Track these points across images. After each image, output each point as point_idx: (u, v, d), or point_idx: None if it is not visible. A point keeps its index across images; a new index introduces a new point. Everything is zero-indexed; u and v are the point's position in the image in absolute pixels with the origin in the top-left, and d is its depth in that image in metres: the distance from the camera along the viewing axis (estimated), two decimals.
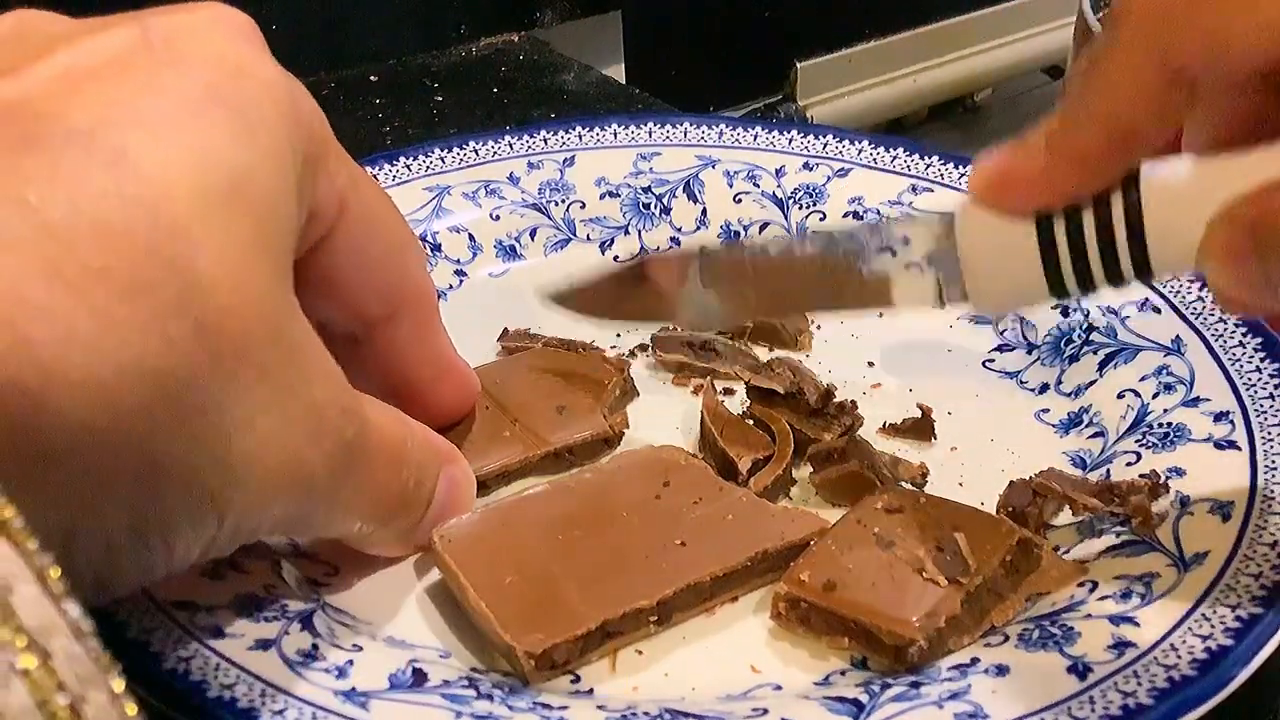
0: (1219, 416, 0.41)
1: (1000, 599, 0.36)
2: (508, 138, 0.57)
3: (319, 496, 0.31)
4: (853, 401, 0.43)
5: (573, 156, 0.57)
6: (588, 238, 0.55)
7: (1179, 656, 0.32)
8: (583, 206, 0.56)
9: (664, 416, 0.46)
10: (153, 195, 0.26)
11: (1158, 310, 0.46)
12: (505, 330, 0.49)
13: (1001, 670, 0.33)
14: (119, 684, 0.19)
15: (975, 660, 0.34)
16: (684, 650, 0.36)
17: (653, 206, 0.56)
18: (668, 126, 0.58)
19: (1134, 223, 0.31)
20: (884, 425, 0.44)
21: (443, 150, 0.56)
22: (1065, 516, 0.40)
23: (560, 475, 0.40)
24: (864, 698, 0.33)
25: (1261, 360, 0.42)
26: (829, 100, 1.02)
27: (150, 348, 0.25)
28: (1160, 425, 0.42)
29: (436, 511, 0.37)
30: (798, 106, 0.99)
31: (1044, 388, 0.46)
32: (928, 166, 0.55)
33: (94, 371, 0.24)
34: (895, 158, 0.56)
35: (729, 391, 0.46)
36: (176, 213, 0.26)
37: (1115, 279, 0.32)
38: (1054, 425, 0.44)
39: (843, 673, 0.35)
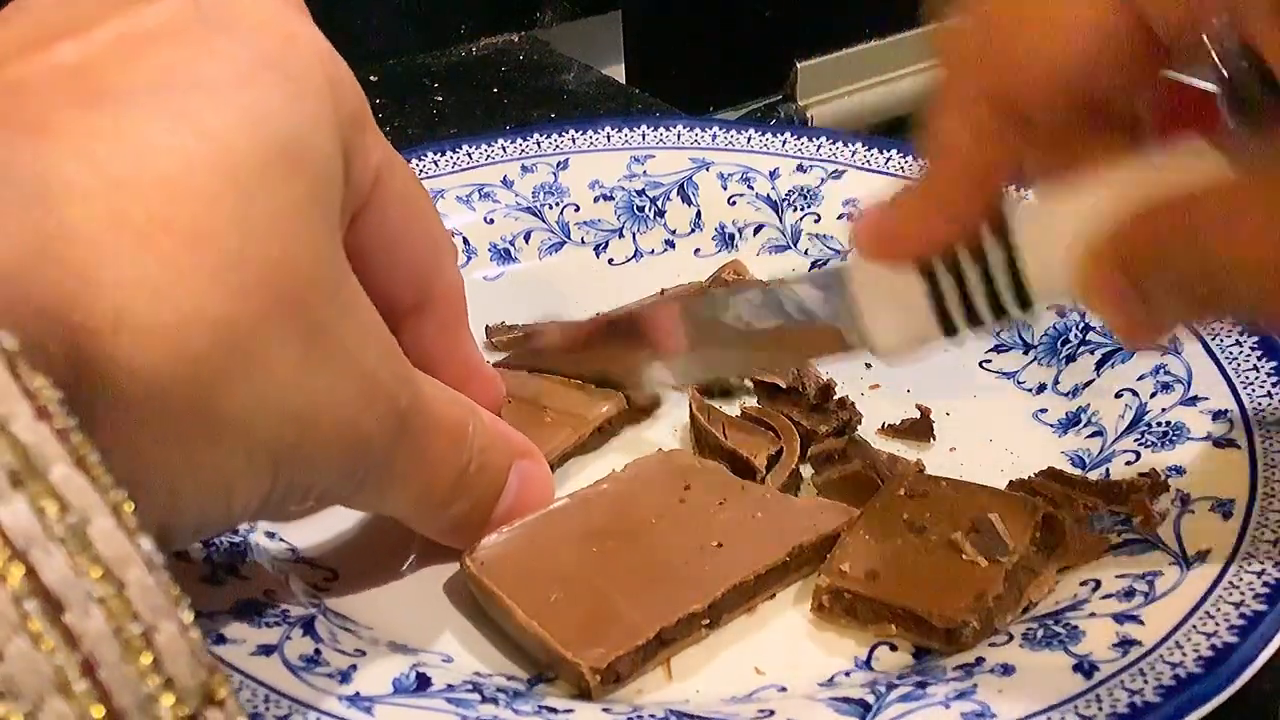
0: (1217, 415, 0.41)
1: (1034, 575, 0.36)
2: (501, 141, 0.57)
3: (373, 462, 0.31)
4: (849, 399, 0.43)
5: (566, 159, 0.57)
6: (582, 241, 0.55)
7: (1184, 654, 0.32)
8: (577, 209, 0.55)
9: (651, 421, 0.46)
10: (214, 151, 0.26)
11: None
12: (487, 327, 0.49)
13: (1007, 669, 0.33)
14: (188, 615, 0.20)
15: (981, 660, 0.34)
16: (687, 651, 0.36)
17: (647, 209, 0.56)
18: (661, 129, 0.58)
19: (1011, 263, 0.32)
20: (883, 425, 0.44)
21: (436, 154, 0.56)
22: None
23: (579, 489, 0.40)
24: (870, 698, 0.33)
25: (1259, 359, 0.42)
26: (829, 100, 1.01)
27: (213, 296, 0.26)
28: (1159, 424, 0.42)
29: (509, 504, 0.37)
30: (798, 106, 0.99)
31: (1041, 387, 0.46)
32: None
33: (160, 317, 0.25)
34: (889, 159, 0.56)
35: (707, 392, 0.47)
36: (236, 168, 0.26)
37: (1000, 314, 0.33)
38: (1052, 425, 0.44)
39: (847, 673, 0.35)
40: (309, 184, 0.28)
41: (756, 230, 0.55)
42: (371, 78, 0.77)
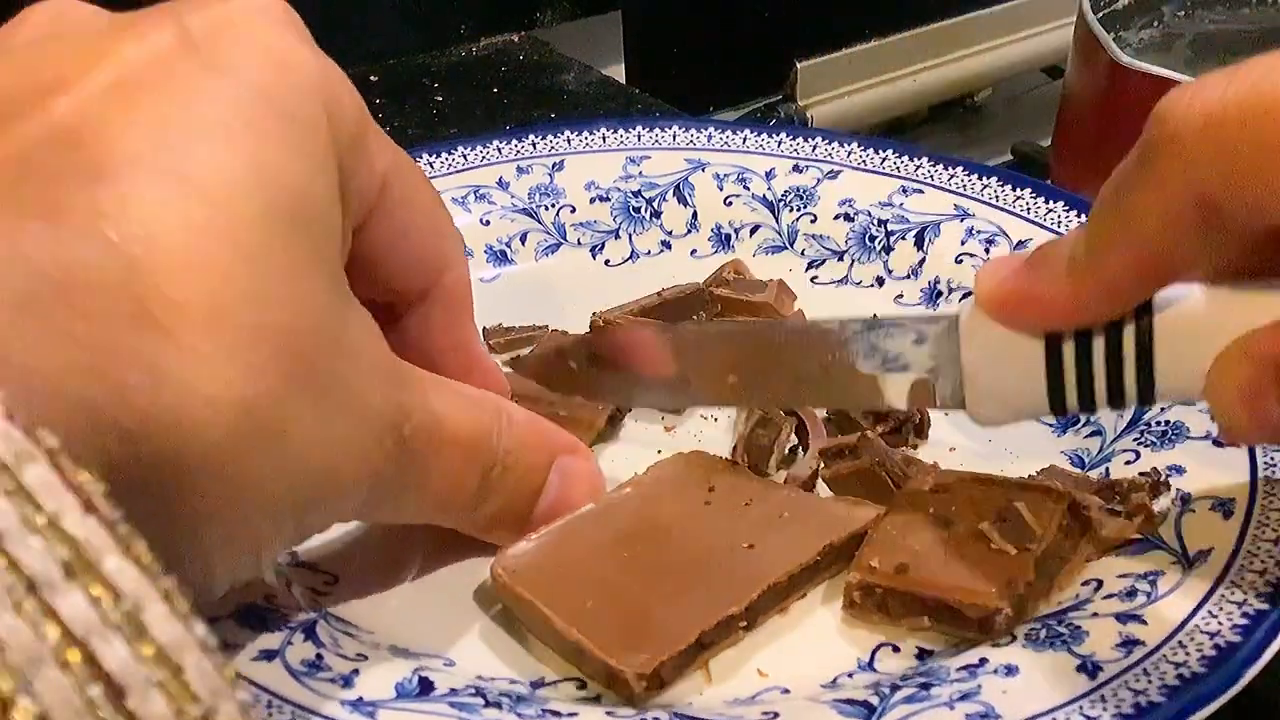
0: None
1: (1063, 562, 0.36)
2: (496, 142, 0.57)
3: (388, 489, 0.32)
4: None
5: (562, 161, 0.57)
6: (578, 242, 0.55)
7: (1188, 654, 0.32)
8: (573, 210, 0.55)
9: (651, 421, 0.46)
10: (220, 219, 0.26)
11: None
12: (484, 329, 0.49)
13: (1011, 670, 0.33)
14: (245, 695, 0.20)
15: (984, 660, 0.34)
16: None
17: (643, 210, 0.56)
18: (657, 130, 0.58)
19: (1144, 350, 0.31)
20: (873, 423, 0.44)
21: (431, 155, 0.56)
22: None
23: (604, 495, 0.39)
24: (874, 700, 0.33)
25: None
26: (829, 100, 1.01)
27: (234, 378, 0.26)
28: (1158, 423, 0.42)
29: (551, 501, 0.37)
30: (798, 106, 0.99)
31: None
32: (917, 168, 0.55)
33: (185, 409, 0.25)
34: (885, 159, 0.56)
35: None
36: (244, 235, 0.27)
37: (1117, 403, 0.32)
38: (1052, 425, 0.44)
39: (850, 675, 0.35)
40: (312, 237, 0.29)
41: (753, 231, 0.55)
42: (371, 78, 0.77)
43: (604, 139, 0.58)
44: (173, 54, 0.28)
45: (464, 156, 0.56)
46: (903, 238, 0.53)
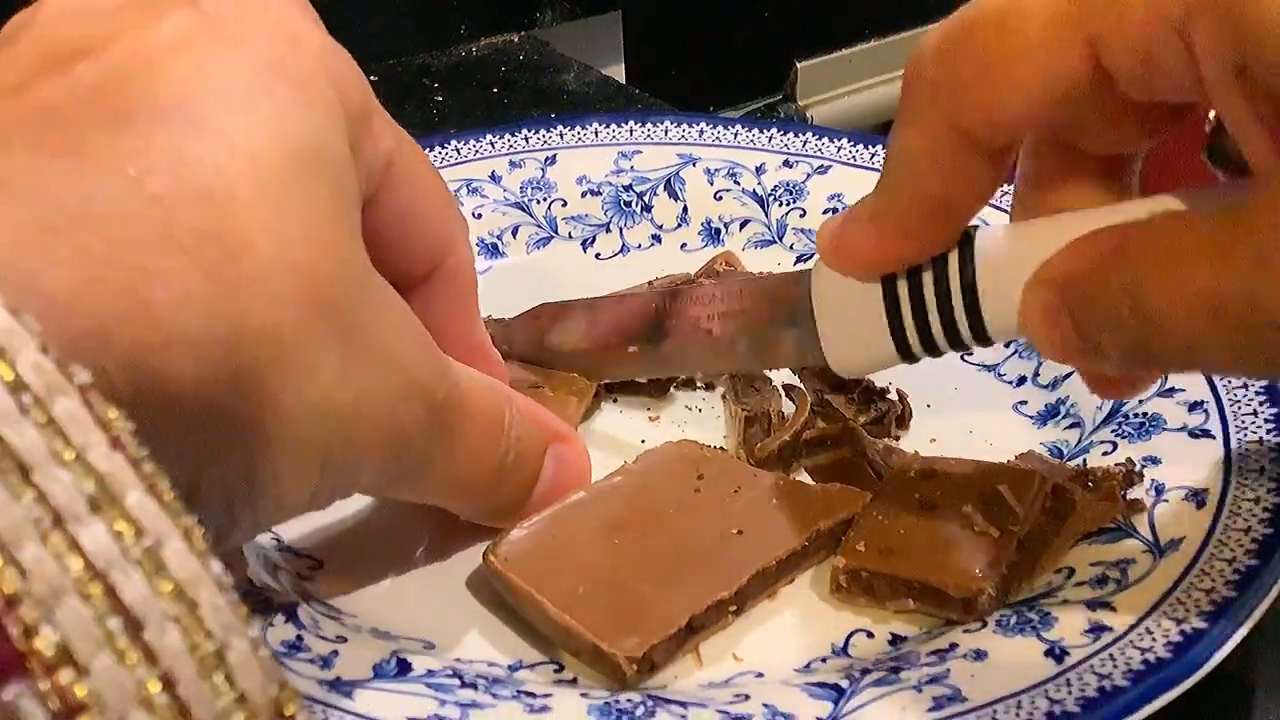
0: (1193, 406, 0.41)
1: (1047, 544, 0.37)
2: (489, 136, 0.58)
3: (414, 457, 0.32)
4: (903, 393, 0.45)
5: (554, 155, 0.57)
6: (570, 236, 0.56)
7: (1154, 640, 0.33)
8: (564, 204, 0.56)
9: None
10: (245, 163, 0.27)
11: None
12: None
13: (980, 655, 0.33)
14: (257, 633, 0.20)
15: (954, 645, 0.34)
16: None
17: (634, 204, 0.56)
18: (648, 125, 0.59)
19: (968, 288, 0.32)
20: (855, 414, 0.45)
21: (424, 149, 0.56)
22: None
23: (594, 482, 0.40)
24: (845, 683, 0.33)
25: None
26: (829, 100, 1.02)
27: (257, 305, 0.26)
28: (1136, 415, 0.42)
29: (545, 488, 0.38)
30: (798, 106, 0.99)
31: (1022, 380, 0.47)
32: None
33: (210, 330, 0.25)
34: (875, 155, 0.56)
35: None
36: (268, 178, 0.27)
37: (956, 343, 0.33)
38: (1031, 417, 0.45)
39: (824, 659, 0.35)
40: (331, 190, 0.29)
41: (743, 225, 0.56)
42: (371, 78, 0.77)
43: (596, 134, 0.58)
44: (190, 27, 0.29)
45: (457, 150, 0.57)
46: None
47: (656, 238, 0.56)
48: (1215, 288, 0.26)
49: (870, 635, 0.36)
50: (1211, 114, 0.31)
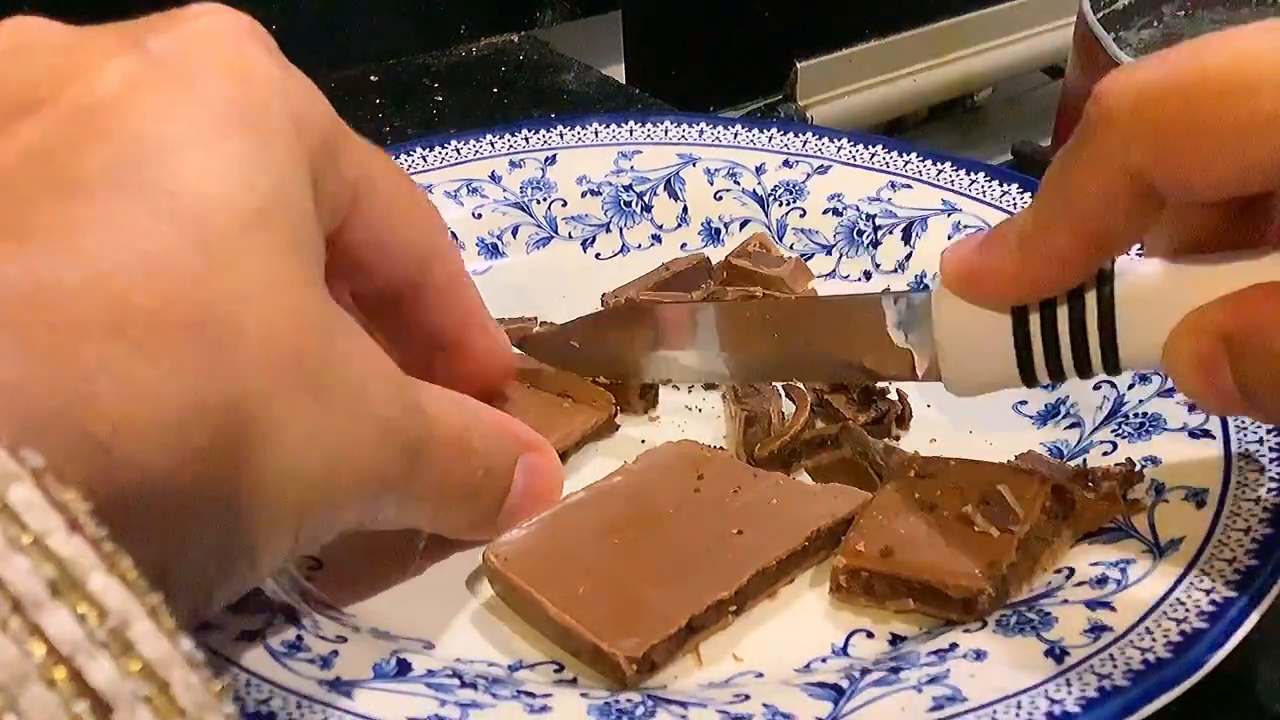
0: (1193, 406, 0.41)
1: (1047, 544, 0.37)
2: (489, 136, 0.58)
3: (391, 494, 0.32)
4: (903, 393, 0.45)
5: (554, 155, 0.57)
6: (569, 236, 0.56)
7: (1154, 640, 0.33)
8: (564, 204, 0.56)
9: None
10: (198, 232, 0.26)
11: None
12: None
13: (980, 655, 0.33)
14: (231, 709, 0.20)
15: (954, 645, 0.34)
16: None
17: (634, 204, 0.56)
18: (648, 125, 0.59)
19: (1106, 320, 0.32)
20: (855, 413, 0.45)
21: (424, 149, 0.57)
22: None
23: (593, 482, 0.40)
24: (844, 683, 0.33)
25: None
26: (829, 100, 1.02)
27: (211, 385, 0.25)
28: (1136, 415, 0.42)
29: (519, 499, 0.37)
30: (798, 106, 0.99)
31: None
32: (906, 164, 0.55)
33: (159, 417, 0.25)
34: (874, 155, 0.56)
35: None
36: (223, 245, 0.27)
37: (1085, 372, 0.33)
38: (1031, 416, 0.45)
39: (824, 659, 0.35)
40: (290, 243, 0.28)
41: (743, 225, 0.56)
42: (372, 78, 0.77)
43: (596, 134, 0.58)
44: (136, 75, 0.28)
45: (457, 150, 0.57)
46: (890, 232, 0.54)
47: (656, 238, 0.56)
48: None
49: (870, 635, 0.36)
50: None
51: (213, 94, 0.28)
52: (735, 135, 0.58)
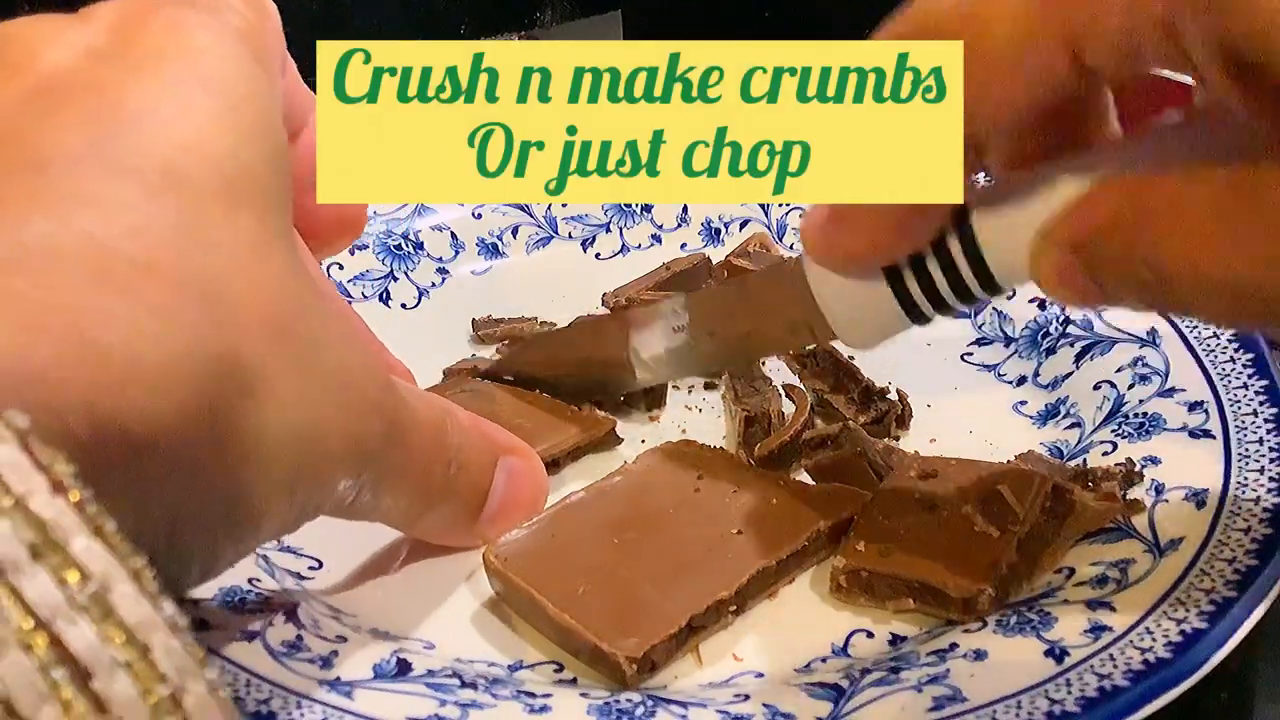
0: (1193, 406, 0.41)
1: (1046, 545, 0.37)
2: None
3: (373, 471, 0.32)
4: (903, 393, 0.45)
5: None
6: (569, 235, 0.56)
7: (1154, 640, 0.33)
8: (564, 205, 0.56)
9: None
10: (176, 201, 0.26)
11: None
12: (473, 320, 0.50)
13: (980, 655, 0.33)
14: (215, 674, 0.20)
15: (954, 645, 0.34)
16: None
17: (634, 204, 0.56)
18: None
19: (972, 253, 0.32)
20: (855, 413, 0.45)
21: None
22: None
23: (593, 483, 0.40)
24: (845, 683, 0.33)
25: (1235, 351, 0.43)
26: None
27: (203, 333, 0.26)
28: (1136, 415, 0.42)
29: (500, 502, 0.37)
30: None
31: (1022, 380, 0.47)
32: None
33: (161, 363, 0.25)
34: None
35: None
36: (197, 208, 0.27)
37: (966, 298, 0.33)
38: (1032, 417, 0.45)
39: (824, 659, 0.35)
40: (262, 207, 0.28)
41: (743, 225, 0.56)
42: None
43: None
44: (94, 53, 0.28)
45: None
46: None
47: (656, 238, 0.56)
48: (1230, 272, 0.27)
49: (870, 635, 0.36)
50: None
51: (169, 68, 0.28)
52: None
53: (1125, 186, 0.29)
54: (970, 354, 0.48)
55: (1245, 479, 0.38)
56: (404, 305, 0.52)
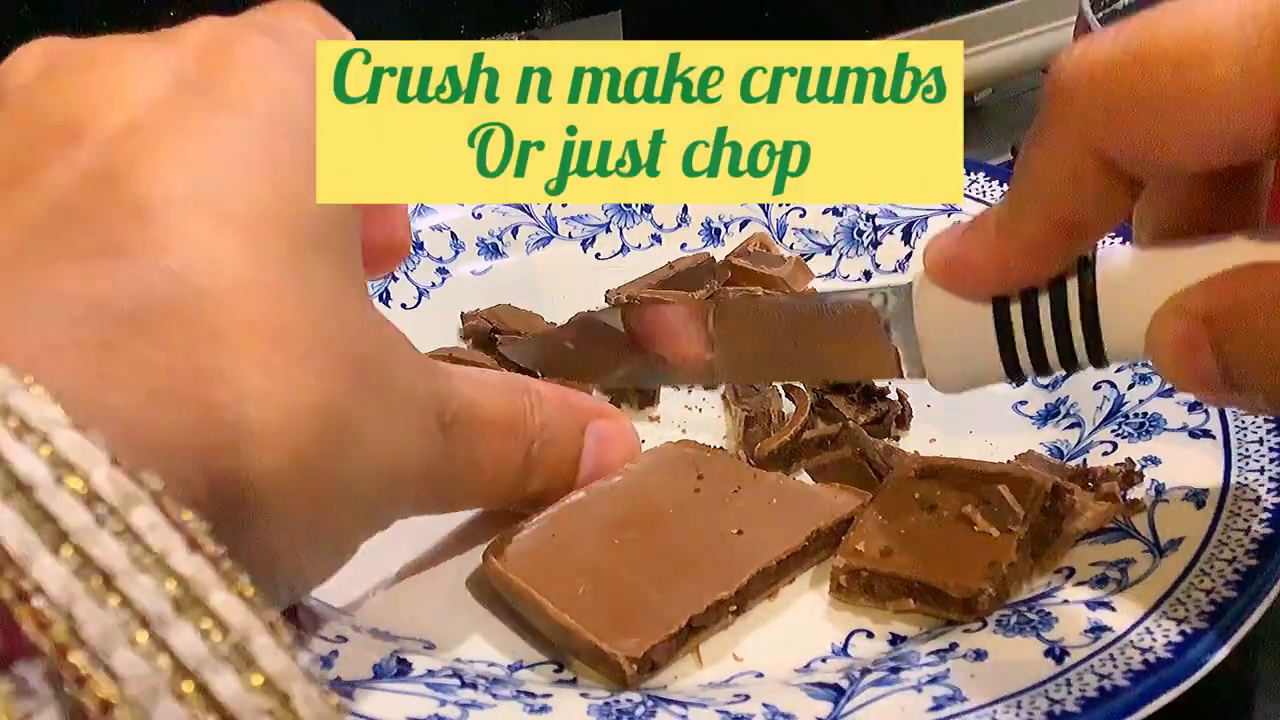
0: (1194, 406, 0.41)
1: (1047, 545, 0.37)
2: None
3: (435, 478, 0.33)
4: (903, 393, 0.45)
5: None
6: (569, 235, 0.56)
7: (1154, 640, 0.33)
8: (564, 205, 0.56)
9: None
10: (270, 243, 0.28)
11: None
12: (462, 314, 0.50)
13: (980, 655, 0.33)
14: None
15: (954, 645, 0.34)
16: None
17: (634, 204, 0.56)
18: None
19: (1088, 309, 0.31)
20: (856, 414, 0.45)
21: None
22: None
23: (594, 483, 0.40)
24: (845, 683, 0.33)
25: None
26: None
27: (309, 385, 0.27)
28: (1136, 415, 0.42)
29: (590, 467, 0.38)
30: None
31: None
32: None
33: (271, 419, 0.26)
34: None
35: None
36: (291, 254, 0.28)
37: (1069, 364, 0.33)
38: (1031, 416, 0.45)
39: (824, 659, 0.35)
40: (340, 253, 0.30)
41: (743, 225, 0.56)
42: None
43: None
44: (182, 86, 0.29)
45: None
46: (890, 232, 0.54)
47: (656, 238, 0.56)
48: None
49: (870, 635, 0.36)
50: None
51: (253, 110, 0.29)
52: None
53: (1269, 269, 0.28)
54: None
55: (1245, 479, 0.38)
56: (404, 305, 0.52)
